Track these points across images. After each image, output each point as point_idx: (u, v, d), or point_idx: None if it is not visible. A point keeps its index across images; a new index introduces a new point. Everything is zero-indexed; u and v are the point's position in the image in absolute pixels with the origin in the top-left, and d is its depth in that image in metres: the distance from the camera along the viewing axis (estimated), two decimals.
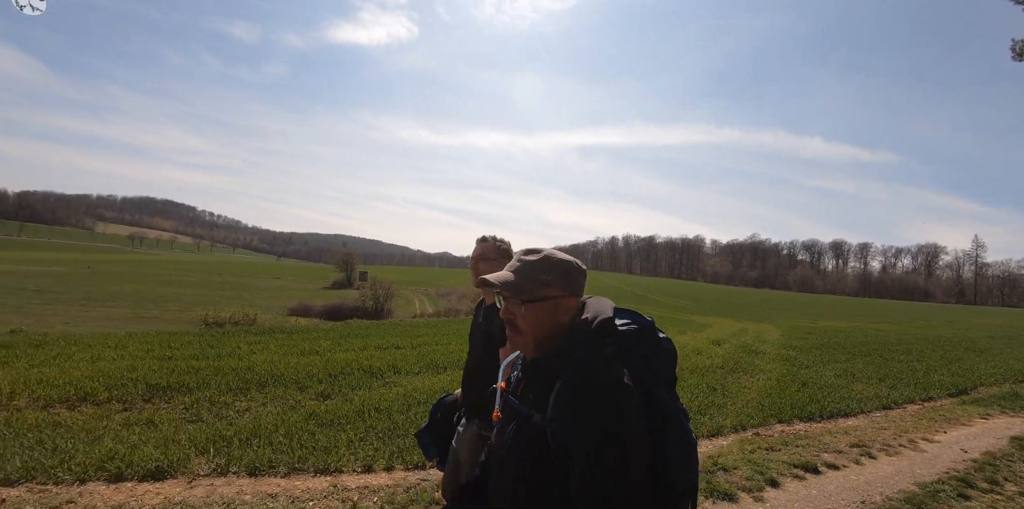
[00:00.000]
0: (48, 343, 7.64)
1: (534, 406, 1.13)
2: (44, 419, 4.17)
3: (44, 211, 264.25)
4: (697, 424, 5.06)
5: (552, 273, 1.16)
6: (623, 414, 1.01)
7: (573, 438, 1.00)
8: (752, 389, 6.92)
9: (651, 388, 1.09)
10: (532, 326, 1.15)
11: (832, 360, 10.08)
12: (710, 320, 25.89)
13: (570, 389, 1.04)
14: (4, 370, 5.70)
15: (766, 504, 3.19)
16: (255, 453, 3.57)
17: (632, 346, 1.12)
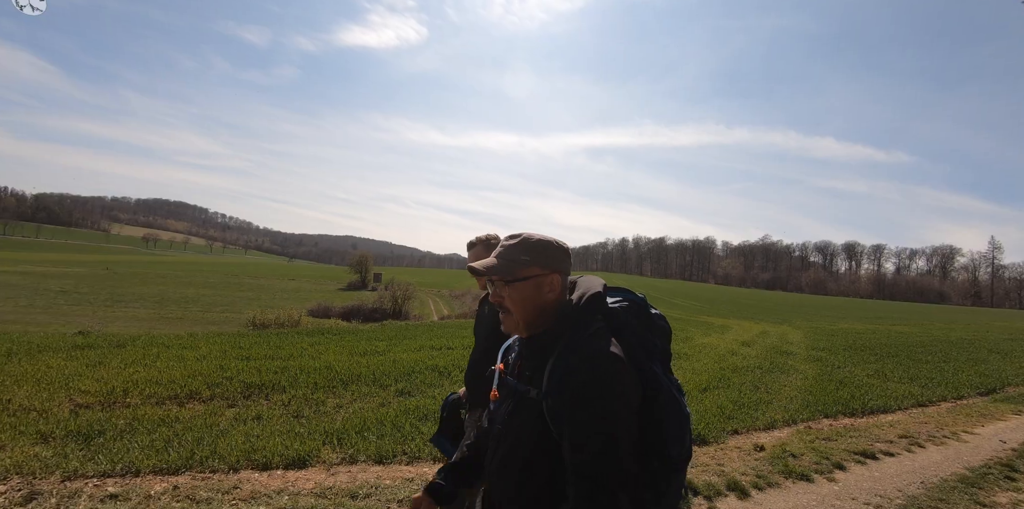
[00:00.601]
0: (128, 344, 8.13)
1: (530, 383, 1.17)
2: (164, 415, 4.47)
3: (61, 213, 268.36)
4: (750, 418, 5.44)
5: (530, 253, 1.21)
6: (615, 387, 1.04)
7: (566, 411, 1.04)
8: (792, 387, 7.31)
9: (644, 363, 1.13)
10: (518, 305, 1.19)
11: (862, 361, 10.41)
12: (728, 322, 26.10)
13: (563, 364, 1.08)
14: (104, 370, 6.07)
15: (838, 484, 3.62)
16: (375, 444, 3.99)
17: (624, 322, 1.18)
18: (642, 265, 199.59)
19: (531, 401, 1.13)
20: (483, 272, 1.20)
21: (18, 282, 37.44)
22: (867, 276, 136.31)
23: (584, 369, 1.04)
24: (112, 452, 3.57)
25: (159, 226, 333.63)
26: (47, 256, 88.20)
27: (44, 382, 5.30)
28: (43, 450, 3.57)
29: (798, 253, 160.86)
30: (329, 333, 11.05)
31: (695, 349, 10.92)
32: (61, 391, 5.02)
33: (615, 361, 1.06)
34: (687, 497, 3.08)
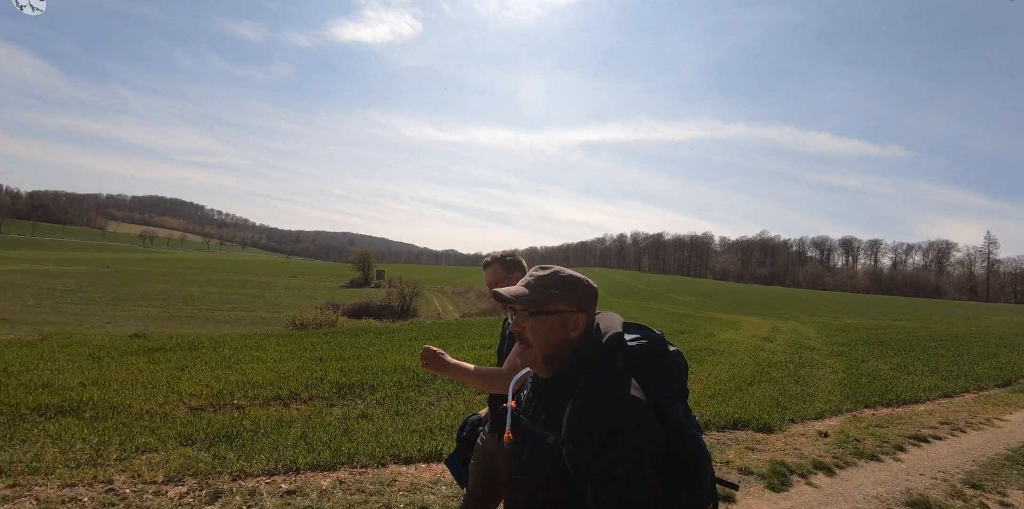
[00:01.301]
0: (199, 346, 8.37)
1: (547, 426, 1.14)
2: (278, 415, 4.61)
3: (56, 211, 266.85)
4: (798, 409, 5.93)
5: (560, 288, 1.20)
6: (637, 432, 1.02)
7: (588, 458, 1.01)
8: (826, 381, 7.83)
9: (664, 402, 1.11)
10: (540, 339, 1.17)
11: (882, 355, 10.96)
12: (736, 318, 26.65)
13: (583, 408, 1.05)
14: (193, 373, 6.26)
15: (903, 463, 4.15)
16: None
17: (643, 361, 1.15)
18: (640, 260, 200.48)
19: (549, 446, 1.11)
20: (510, 300, 1.19)
21: (20, 281, 37.41)
22: (864, 271, 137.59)
23: (606, 414, 1.03)
24: (260, 451, 3.77)
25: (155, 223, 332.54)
26: (46, 254, 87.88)
27: (148, 386, 5.50)
28: (195, 451, 3.73)
29: (795, 248, 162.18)
30: (373, 333, 11.50)
31: (722, 345, 11.45)
32: (172, 395, 5.17)
33: (637, 405, 1.05)
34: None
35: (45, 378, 5.59)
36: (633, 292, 64.81)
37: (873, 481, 3.72)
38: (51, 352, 7.41)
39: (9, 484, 3.05)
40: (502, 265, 2.04)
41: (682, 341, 12.04)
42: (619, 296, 58.69)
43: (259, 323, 26.89)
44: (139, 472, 3.33)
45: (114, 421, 4.29)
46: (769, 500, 3.32)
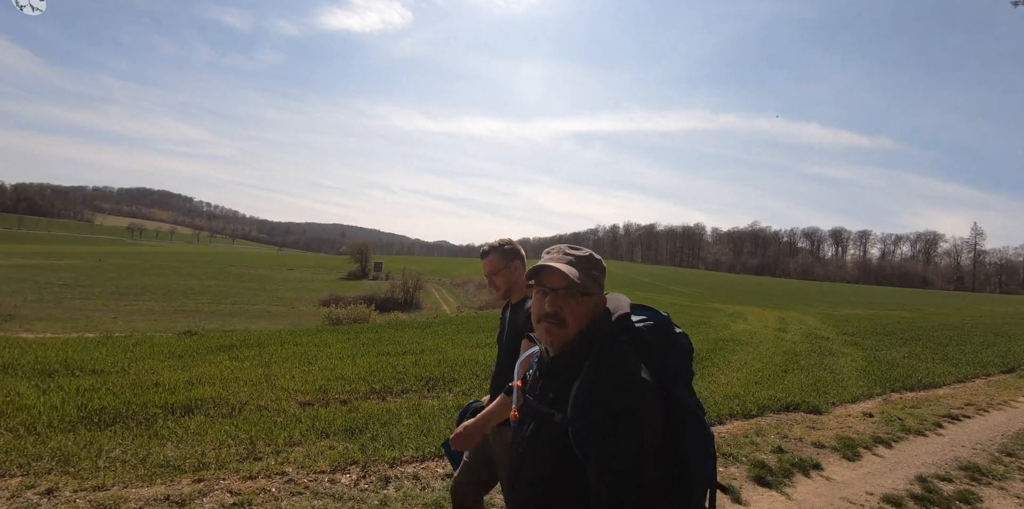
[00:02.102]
0: (266, 343, 8.71)
1: (553, 405, 1.16)
2: (382, 407, 4.81)
3: (42, 203, 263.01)
4: (833, 394, 6.51)
5: (599, 270, 1.24)
6: (643, 412, 1.04)
7: (594, 436, 1.03)
8: (850, 368, 8.50)
9: (669, 384, 1.13)
10: (577, 320, 1.18)
11: (892, 345, 11.70)
12: (738, 308, 27.37)
13: (590, 387, 1.07)
14: (283, 369, 6.46)
15: (945, 437, 4.82)
16: None
17: (650, 342, 1.17)
18: (633, 251, 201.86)
19: (555, 425, 1.13)
20: (571, 280, 1.17)
21: (14, 275, 37.13)
22: (853, 261, 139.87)
23: (613, 394, 1.05)
24: (399, 440, 3.96)
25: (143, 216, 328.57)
26: (34, 248, 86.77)
27: (249, 383, 5.68)
28: (338, 443, 3.90)
29: (786, 239, 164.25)
30: (412, 327, 12.01)
31: (743, 335, 12.13)
32: (278, 391, 5.31)
33: (643, 385, 1.07)
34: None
35: (151, 377, 5.78)
36: (633, 284, 65.59)
37: (925, 452, 4.37)
38: (129, 350, 7.74)
39: (194, 479, 3.20)
40: (501, 254, 2.03)
41: (702, 332, 12.71)
42: (620, 288, 59.28)
43: (266, 316, 27.21)
44: (303, 463, 3.47)
45: (242, 417, 4.45)
46: (849, 467, 3.96)
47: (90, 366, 6.18)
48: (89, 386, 5.08)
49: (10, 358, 6.37)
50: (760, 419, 5.17)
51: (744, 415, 5.25)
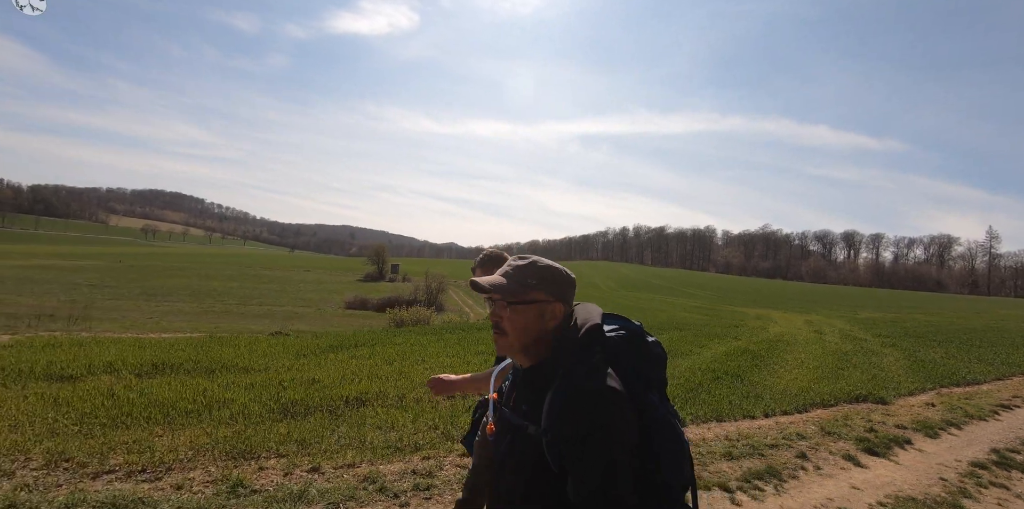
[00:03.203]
0: (364, 343, 9.20)
1: (526, 416, 1.17)
2: None
3: (58, 205, 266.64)
4: (894, 389, 7.20)
5: (538, 277, 1.21)
6: (615, 423, 1.05)
7: (567, 448, 1.04)
8: (896, 367, 9.22)
9: (641, 393, 1.14)
10: (516, 328, 1.19)
11: (927, 346, 12.40)
12: (761, 312, 27.99)
13: (561, 399, 1.08)
14: (405, 367, 6.85)
15: (1003, 422, 5.61)
16: (689, 408, 5.50)
17: (621, 351, 1.17)
18: (643, 254, 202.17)
19: (529, 437, 1.14)
20: (488, 289, 1.20)
21: (39, 276, 37.46)
22: (865, 265, 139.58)
23: (584, 405, 1.05)
24: None
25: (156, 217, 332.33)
26: (51, 248, 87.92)
27: (388, 379, 6.13)
28: None
29: (798, 242, 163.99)
30: (478, 329, 12.80)
31: (787, 337, 12.89)
32: (420, 387, 5.66)
33: (615, 396, 1.07)
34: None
35: (301, 374, 6.26)
36: (647, 286, 66.30)
37: (990, 432, 5.17)
38: (250, 350, 8.08)
39: (423, 456, 3.67)
40: (496, 264, 2.15)
41: (745, 333, 13.46)
42: (634, 290, 60.11)
43: (295, 318, 27.96)
44: None
45: (412, 408, 4.88)
46: (932, 443, 4.76)
47: (238, 364, 6.83)
48: (258, 382, 5.72)
49: (155, 357, 6.88)
50: (837, 408, 5.96)
51: (823, 404, 6.04)
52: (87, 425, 4.12)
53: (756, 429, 4.89)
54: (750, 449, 4.19)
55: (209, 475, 3.29)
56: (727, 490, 3.38)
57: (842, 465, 4.02)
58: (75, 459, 3.40)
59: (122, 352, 7.13)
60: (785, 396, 6.26)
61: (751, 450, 4.16)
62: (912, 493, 3.54)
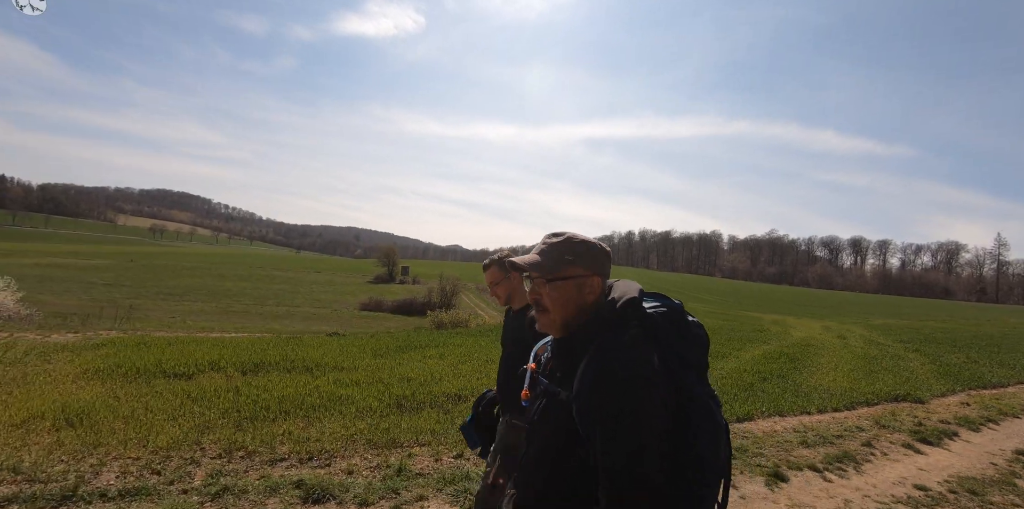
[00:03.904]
0: (429, 344, 9.68)
1: (561, 384, 1.19)
2: None
3: (67, 204, 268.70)
4: (928, 390, 7.78)
5: (574, 252, 1.23)
6: (646, 395, 1.05)
7: (593, 415, 1.06)
8: (922, 371, 9.77)
9: (678, 371, 1.13)
10: (557, 305, 1.21)
11: (947, 351, 12.94)
12: (776, 317, 28.40)
13: (594, 368, 1.09)
14: (479, 367, 7.40)
15: None
16: (750, 404, 6.10)
17: (660, 328, 1.17)
18: (648, 258, 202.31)
19: (561, 402, 1.16)
20: (526, 268, 1.23)
21: (55, 274, 37.69)
22: (872, 271, 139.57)
23: (617, 377, 1.05)
24: None
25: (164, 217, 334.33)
26: (62, 247, 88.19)
27: (471, 377, 6.60)
28: None
29: (804, 248, 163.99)
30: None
31: (811, 341, 13.46)
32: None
33: (650, 369, 1.07)
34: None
35: (394, 372, 6.67)
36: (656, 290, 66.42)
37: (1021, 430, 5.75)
38: (328, 349, 8.42)
39: None
40: (499, 267, 2.23)
41: (773, 338, 14.01)
42: None
43: (315, 318, 28.55)
44: None
45: None
46: (976, 435, 5.39)
47: (328, 363, 7.23)
48: (361, 380, 6.14)
49: (252, 356, 7.20)
50: (881, 406, 6.55)
51: (867, 403, 6.63)
52: (231, 418, 4.47)
53: (817, 423, 5.49)
54: (820, 439, 4.80)
55: (369, 462, 3.73)
56: (816, 470, 4.01)
57: (904, 452, 4.64)
58: (246, 448, 3.78)
59: (218, 351, 7.47)
60: (831, 395, 6.85)
61: (821, 440, 4.78)
62: (970, 474, 4.15)
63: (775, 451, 4.40)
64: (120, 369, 5.92)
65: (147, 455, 3.60)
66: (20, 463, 3.29)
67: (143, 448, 3.70)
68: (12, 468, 3.21)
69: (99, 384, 5.37)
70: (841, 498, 3.53)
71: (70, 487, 3.03)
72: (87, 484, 3.11)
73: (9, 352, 6.69)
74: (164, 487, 3.13)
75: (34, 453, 3.48)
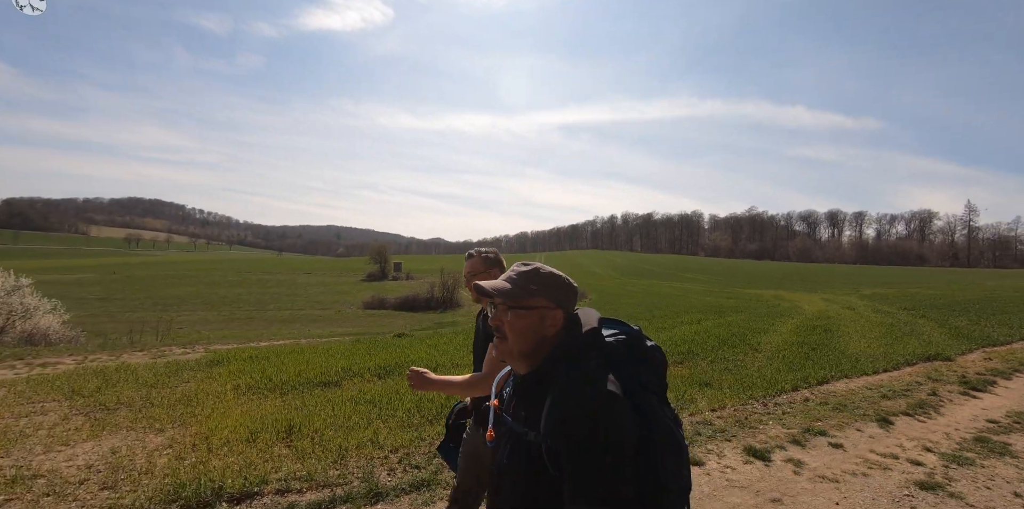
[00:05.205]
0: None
1: (526, 423, 1.18)
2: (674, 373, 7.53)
3: (35, 217, 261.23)
4: (952, 348, 8.83)
5: (540, 284, 1.25)
6: (615, 429, 1.06)
7: (567, 454, 1.06)
8: (937, 333, 10.91)
9: (640, 397, 1.16)
10: (516, 333, 1.22)
11: (952, 315, 14.16)
12: (774, 293, 29.60)
13: (560, 404, 1.10)
14: None
15: None
16: (822, 369, 7.20)
17: (620, 356, 1.20)
18: (632, 241, 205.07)
19: (529, 444, 1.15)
20: (492, 294, 1.24)
21: (47, 292, 35.93)
22: (849, 242, 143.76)
23: (584, 411, 1.07)
24: (720, 387, 6.55)
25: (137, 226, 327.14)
26: (37, 263, 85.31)
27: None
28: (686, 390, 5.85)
29: (783, 223, 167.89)
30: None
31: (827, 313, 14.61)
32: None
33: (614, 401, 1.09)
34: None
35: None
36: (642, 272, 67.95)
37: None
38: (418, 350, 8.73)
39: None
40: (483, 260, 2.19)
41: (791, 313, 15.12)
42: (634, 277, 61.75)
43: (322, 321, 28.83)
44: (696, 410, 5.13)
45: None
46: (1012, 383, 6.51)
47: (440, 363, 7.52)
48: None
49: (380, 361, 7.49)
50: (919, 365, 7.60)
51: (907, 363, 7.67)
52: (425, 416, 4.72)
53: (879, 381, 6.52)
54: (894, 392, 5.84)
55: None
56: (908, 415, 5.04)
57: (963, 398, 5.71)
58: None
59: (327, 360, 7.66)
60: (874, 358, 7.87)
61: (895, 393, 5.81)
62: (1021, 410, 5.16)
63: (867, 404, 5.39)
64: (270, 382, 6.13)
65: (386, 453, 3.90)
66: (300, 472, 3.52)
67: (378, 448, 3.97)
68: (302, 477, 3.46)
69: (267, 397, 5.57)
70: (940, 431, 4.55)
71: (370, 486, 3.32)
72: (374, 482, 3.41)
73: (131, 374, 6.69)
74: (432, 477, 3.48)
75: (290, 463, 3.69)
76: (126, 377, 6.50)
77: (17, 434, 4.32)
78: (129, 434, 4.39)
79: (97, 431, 4.43)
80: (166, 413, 4.94)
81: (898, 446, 4.20)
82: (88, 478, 3.51)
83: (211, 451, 3.93)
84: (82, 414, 4.95)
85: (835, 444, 4.21)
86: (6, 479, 3.43)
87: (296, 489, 3.33)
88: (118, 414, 4.94)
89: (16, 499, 3.19)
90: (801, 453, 4.02)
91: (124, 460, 3.80)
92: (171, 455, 3.89)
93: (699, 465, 3.74)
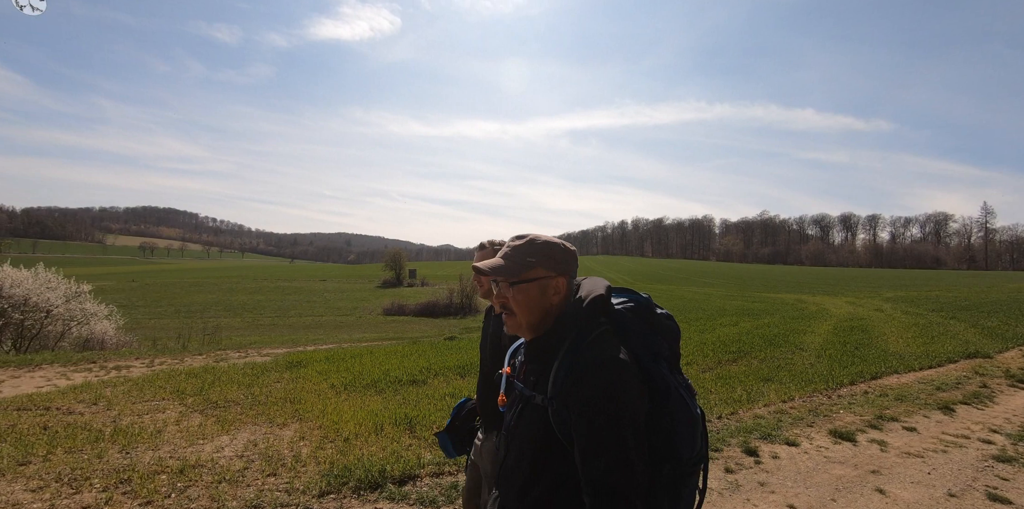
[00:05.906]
0: None
1: (535, 388, 1.19)
2: (726, 373, 8.21)
3: (54, 226, 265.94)
4: (989, 346, 9.20)
5: (537, 255, 1.22)
6: (623, 393, 1.05)
7: (575, 419, 1.06)
8: (970, 332, 11.24)
9: (650, 365, 1.15)
10: (522, 307, 1.21)
11: (981, 317, 14.45)
12: (799, 297, 29.73)
13: (567, 368, 1.10)
14: None
15: None
16: (873, 366, 7.64)
17: (629, 323, 1.20)
18: (643, 246, 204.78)
19: (537, 407, 1.16)
20: (488, 272, 1.23)
21: None
22: (863, 246, 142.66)
23: (590, 375, 1.06)
24: (789, 381, 7.19)
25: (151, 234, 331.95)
26: (61, 271, 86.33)
27: None
28: (755, 386, 6.81)
29: (796, 227, 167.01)
30: None
31: (859, 315, 14.93)
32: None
33: (622, 365, 1.08)
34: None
35: None
36: (660, 278, 67.98)
37: None
38: (466, 352, 10.16)
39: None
40: (494, 253, 2.09)
41: (823, 315, 15.45)
42: (650, 282, 61.98)
43: (344, 327, 29.24)
44: (769, 401, 5.67)
45: None
46: None
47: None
48: None
49: (457, 360, 7.82)
50: (962, 362, 7.98)
51: (950, 360, 8.06)
52: None
53: (930, 377, 6.93)
54: (947, 386, 6.26)
55: None
56: (966, 404, 5.47)
57: (1013, 390, 6.16)
58: None
59: (403, 361, 7.95)
60: (917, 356, 8.26)
61: (948, 386, 6.23)
62: None
63: (924, 395, 5.83)
64: (361, 381, 6.47)
65: None
66: (438, 459, 3.78)
67: None
68: (440, 462, 3.74)
69: (365, 394, 5.86)
70: (1001, 417, 5.00)
71: None
72: None
73: (221, 375, 6.94)
74: None
75: (424, 451, 3.98)
76: (218, 378, 6.76)
77: (152, 430, 4.53)
78: (256, 428, 4.60)
79: (225, 426, 4.64)
80: (278, 410, 5.17)
81: (966, 429, 4.65)
82: (247, 467, 3.70)
83: (347, 441, 4.18)
84: (197, 411, 5.20)
85: (908, 427, 4.67)
86: (174, 469, 3.62)
87: (448, 472, 3.64)
88: (231, 411, 5.17)
89: (193, 485, 3.38)
90: (881, 435, 4.48)
91: (270, 451, 3.99)
92: (311, 445, 4.10)
93: (794, 445, 4.23)
